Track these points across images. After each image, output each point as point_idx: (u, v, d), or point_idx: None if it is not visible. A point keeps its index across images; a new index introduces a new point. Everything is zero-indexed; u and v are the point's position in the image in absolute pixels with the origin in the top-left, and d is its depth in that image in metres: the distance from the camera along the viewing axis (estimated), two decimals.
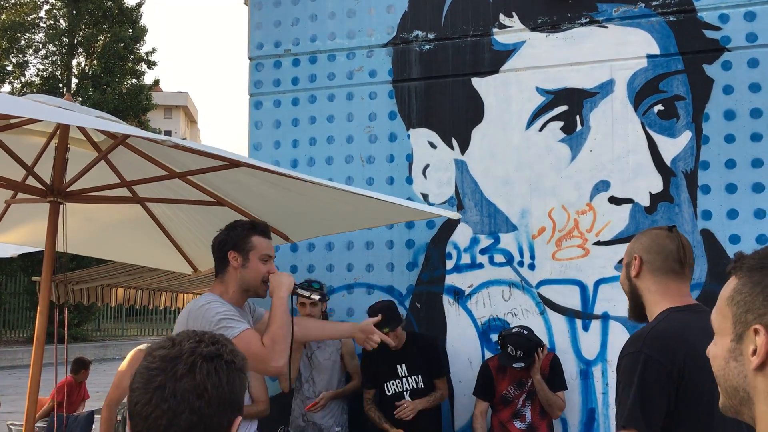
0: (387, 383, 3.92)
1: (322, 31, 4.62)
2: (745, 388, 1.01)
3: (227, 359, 1.21)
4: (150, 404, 1.15)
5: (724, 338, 1.06)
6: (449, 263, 4.22)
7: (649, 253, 2.11)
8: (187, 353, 1.18)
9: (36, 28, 21.98)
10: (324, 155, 4.51)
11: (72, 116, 2.29)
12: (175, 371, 1.16)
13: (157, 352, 1.20)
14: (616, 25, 4.10)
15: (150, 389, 1.16)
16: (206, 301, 2.61)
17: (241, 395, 1.23)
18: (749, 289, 1.02)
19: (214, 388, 1.16)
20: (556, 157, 4.10)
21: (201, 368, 1.17)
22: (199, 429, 1.15)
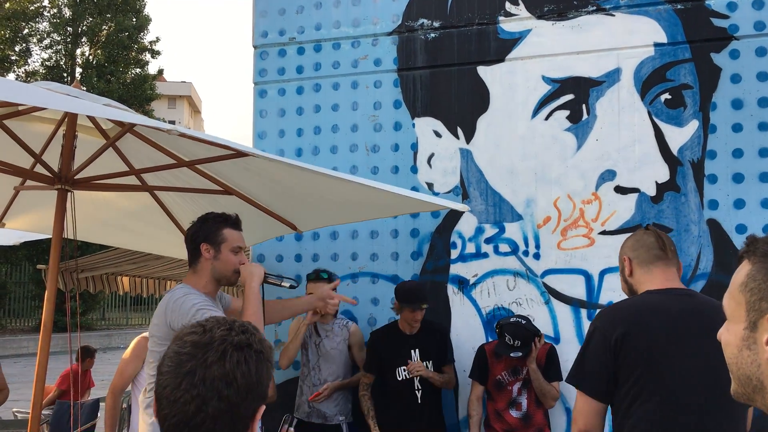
0: (398, 368, 3.92)
1: (326, 19, 4.61)
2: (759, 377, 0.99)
3: (256, 349, 1.22)
4: (179, 389, 1.16)
5: (737, 325, 1.04)
6: (454, 252, 4.22)
7: (634, 250, 2.40)
8: (218, 341, 1.19)
9: (40, 17, 21.95)
10: (329, 144, 4.50)
11: (81, 105, 2.29)
12: (205, 358, 1.17)
13: (188, 338, 1.21)
14: (623, 13, 4.08)
15: (180, 374, 1.17)
16: (182, 294, 2.70)
17: (267, 384, 1.25)
18: (764, 275, 1.01)
19: (243, 377, 1.18)
20: (562, 146, 4.09)
21: (231, 357, 1.18)
22: (226, 416, 1.17)
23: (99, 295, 19.91)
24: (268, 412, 4.06)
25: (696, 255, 3.84)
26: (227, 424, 1.17)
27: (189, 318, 2.59)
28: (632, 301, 2.34)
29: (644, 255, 2.37)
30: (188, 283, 2.81)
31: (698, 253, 3.84)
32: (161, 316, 2.69)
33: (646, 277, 2.34)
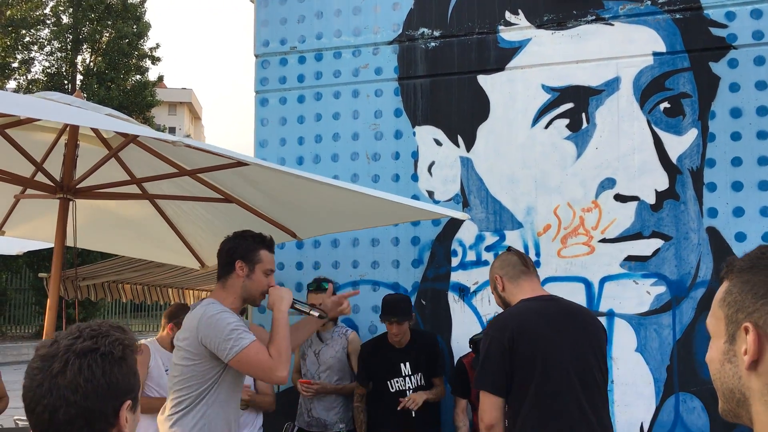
0: (390, 381, 3.92)
1: (327, 28, 4.63)
2: (741, 389, 1.00)
3: (104, 351, 1.28)
4: (33, 400, 1.25)
5: (719, 341, 1.05)
6: (454, 260, 4.23)
7: (502, 268, 2.85)
8: (62, 351, 1.26)
9: (41, 24, 22.01)
10: (329, 152, 4.52)
11: (82, 116, 2.30)
12: (51, 369, 1.25)
13: (40, 351, 1.30)
14: (622, 23, 4.10)
15: (32, 387, 1.25)
16: (219, 311, 2.67)
17: (126, 381, 1.30)
18: (739, 288, 1.02)
19: (87, 382, 1.24)
20: (562, 154, 4.10)
21: (73, 365, 1.24)
22: (80, 420, 1.24)
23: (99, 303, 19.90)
24: (269, 420, 4.09)
25: (695, 263, 3.85)
26: (84, 426, 1.24)
27: (224, 337, 2.59)
28: (515, 309, 2.74)
29: (512, 272, 2.82)
30: (217, 298, 2.78)
31: (698, 261, 3.85)
32: (193, 331, 2.64)
33: (517, 289, 2.79)
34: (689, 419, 3.77)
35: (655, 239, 3.90)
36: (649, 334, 3.85)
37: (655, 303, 3.87)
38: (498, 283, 2.85)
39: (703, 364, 3.77)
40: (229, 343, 2.58)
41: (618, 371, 3.87)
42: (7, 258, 18.28)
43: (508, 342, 2.58)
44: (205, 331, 2.62)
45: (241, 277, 2.80)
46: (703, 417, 3.75)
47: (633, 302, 3.89)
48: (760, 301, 0.98)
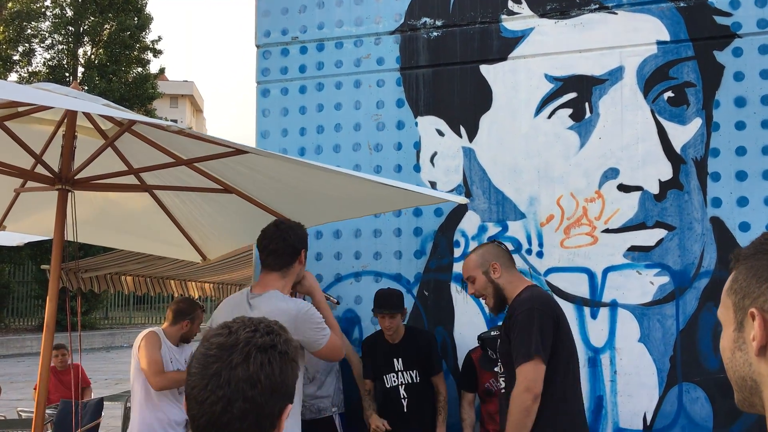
0: (386, 376, 3.97)
1: (329, 18, 4.60)
2: (752, 376, 0.99)
3: (281, 350, 1.25)
4: (206, 390, 1.20)
5: (729, 329, 1.05)
6: (457, 251, 4.22)
7: (499, 257, 3.04)
8: (243, 343, 1.22)
9: (42, 17, 21.98)
10: (332, 143, 4.50)
11: (79, 103, 2.29)
12: (230, 360, 1.20)
13: (214, 339, 1.25)
14: (626, 11, 4.06)
15: (206, 375, 1.20)
16: (308, 305, 2.92)
17: (293, 384, 1.28)
18: (744, 275, 1.02)
19: (267, 378, 1.21)
20: (565, 144, 4.08)
21: (255, 359, 1.21)
22: (251, 416, 1.20)
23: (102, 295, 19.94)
24: None
25: (699, 253, 3.83)
26: (253, 424, 1.21)
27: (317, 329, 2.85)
28: (541, 291, 3.06)
29: (507, 261, 3.06)
30: (278, 288, 2.94)
31: (701, 251, 3.83)
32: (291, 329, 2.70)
33: (514, 278, 3.02)
34: (692, 409, 3.76)
35: (659, 229, 3.88)
36: (653, 325, 3.83)
37: (659, 293, 3.85)
38: (496, 269, 3.00)
39: (706, 355, 3.76)
40: (322, 332, 2.86)
41: (621, 361, 3.86)
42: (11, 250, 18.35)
43: (555, 317, 2.85)
44: (303, 326, 2.80)
45: (302, 265, 3.03)
46: (707, 407, 3.73)
47: (636, 292, 3.87)
48: (764, 285, 0.97)
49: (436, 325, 4.19)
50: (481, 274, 3.02)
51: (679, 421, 3.77)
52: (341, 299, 4.30)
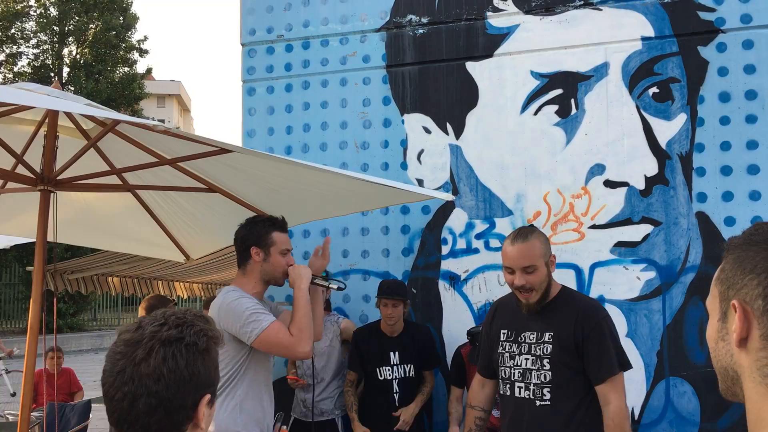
0: (379, 368, 3.94)
1: (314, 16, 4.58)
2: (733, 367, 1.00)
3: (189, 342, 1.24)
4: (113, 387, 1.21)
5: (714, 319, 1.05)
6: (445, 248, 4.21)
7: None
8: (147, 338, 1.23)
9: (26, 16, 21.78)
10: (318, 141, 4.48)
11: (60, 103, 2.26)
12: (134, 356, 1.21)
13: (123, 336, 1.26)
14: (611, 8, 4.07)
15: (114, 372, 1.22)
16: (236, 297, 2.79)
17: (208, 374, 1.27)
18: (730, 265, 1.02)
19: (170, 372, 1.20)
20: (551, 141, 4.08)
21: (157, 353, 1.21)
22: (159, 410, 1.21)
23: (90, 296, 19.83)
24: None
25: (685, 248, 3.84)
26: (163, 417, 1.21)
27: (243, 321, 2.71)
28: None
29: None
30: (238, 285, 2.91)
31: (687, 246, 3.84)
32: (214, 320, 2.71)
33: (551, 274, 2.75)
34: (680, 403, 3.77)
35: (645, 225, 3.89)
36: (640, 320, 3.85)
37: (645, 288, 3.86)
38: (553, 262, 2.74)
39: (693, 349, 3.78)
40: (250, 326, 2.72)
41: None
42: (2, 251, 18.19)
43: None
44: (225, 318, 2.73)
45: (258, 261, 2.92)
46: (694, 401, 3.75)
47: (623, 288, 3.88)
48: (747, 277, 0.97)
49: (424, 322, 4.19)
50: (543, 265, 2.66)
51: (666, 415, 3.79)
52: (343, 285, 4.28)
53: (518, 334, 2.75)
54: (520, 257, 2.61)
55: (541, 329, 2.69)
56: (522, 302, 2.68)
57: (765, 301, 0.94)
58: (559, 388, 2.60)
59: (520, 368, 2.71)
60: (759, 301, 0.94)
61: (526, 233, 2.66)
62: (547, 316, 2.68)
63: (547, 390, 2.62)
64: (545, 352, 2.65)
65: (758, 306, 0.94)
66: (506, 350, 2.77)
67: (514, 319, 2.78)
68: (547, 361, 2.64)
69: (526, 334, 2.73)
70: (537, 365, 2.66)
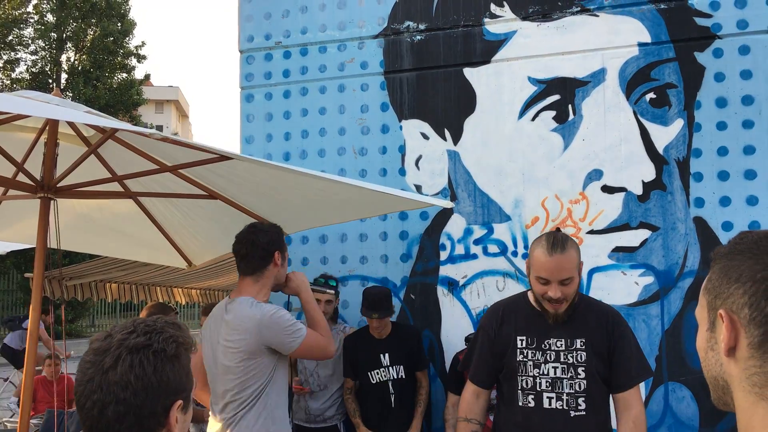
0: (371, 372, 3.96)
1: (312, 22, 4.60)
2: (722, 376, 1.00)
3: (157, 348, 1.25)
4: (83, 395, 1.22)
5: (703, 328, 1.06)
6: (443, 254, 4.22)
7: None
8: (115, 345, 1.24)
9: (24, 23, 21.79)
10: (316, 148, 4.49)
11: (60, 111, 2.27)
12: (102, 364, 1.22)
13: (93, 345, 1.27)
14: (607, 14, 4.09)
15: (83, 381, 1.23)
16: (273, 309, 2.81)
17: (178, 380, 1.27)
18: (717, 275, 1.02)
19: (137, 380, 1.21)
20: (549, 146, 4.10)
21: (124, 360, 1.22)
22: (129, 418, 1.21)
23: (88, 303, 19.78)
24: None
25: (683, 253, 3.86)
26: (134, 424, 1.21)
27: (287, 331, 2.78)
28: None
29: None
30: (253, 295, 2.88)
31: (685, 251, 3.86)
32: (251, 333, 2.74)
33: None
34: (678, 409, 3.78)
35: (643, 230, 3.91)
36: (638, 325, 3.86)
37: (644, 293, 3.87)
38: (581, 271, 2.57)
39: (691, 354, 3.78)
40: (294, 335, 2.79)
41: None
42: None
43: None
44: (268, 331, 2.76)
45: (278, 266, 2.96)
46: (693, 406, 3.76)
47: (621, 293, 3.89)
48: (733, 286, 0.98)
49: (423, 328, 4.19)
50: (578, 275, 2.52)
51: (665, 420, 3.79)
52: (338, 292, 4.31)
53: (540, 341, 2.60)
54: (559, 269, 2.45)
55: (570, 336, 2.56)
56: (549, 312, 2.54)
57: (751, 309, 0.94)
58: (592, 397, 2.52)
59: (548, 377, 2.55)
60: (745, 310, 0.95)
61: (563, 242, 2.48)
62: (574, 322, 2.56)
63: (582, 399, 2.51)
64: (579, 360, 2.52)
65: (745, 315, 0.95)
66: (528, 358, 2.59)
67: (533, 324, 2.63)
68: (582, 370, 2.52)
69: (551, 341, 2.58)
70: (570, 374, 2.53)
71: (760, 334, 0.93)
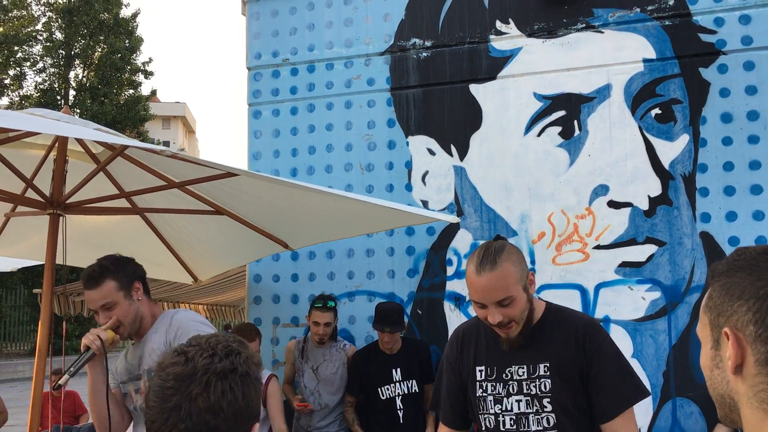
0: (381, 388, 3.95)
1: (319, 40, 4.64)
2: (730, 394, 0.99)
3: (242, 372, 1.20)
4: (167, 424, 1.14)
5: (706, 346, 1.05)
6: (450, 269, 4.23)
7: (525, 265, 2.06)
8: (201, 371, 1.17)
9: (33, 41, 22.03)
10: (323, 164, 4.52)
11: (70, 128, 2.29)
12: (189, 391, 1.15)
13: (170, 369, 1.19)
14: (612, 30, 4.12)
15: (166, 409, 1.15)
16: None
17: (257, 403, 1.23)
18: (718, 293, 1.02)
19: (229, 406, 1.16)
20: (555, 162, 4.11)
21: (216, 387, 1.16)
22: None
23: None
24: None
25: (690, 268, 3.85)
26: None
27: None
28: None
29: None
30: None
31: (692, 266, 3.85)
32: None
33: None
34: (686, 424, 3.75)
35: (649, 245, 3.90)
36: (645, 340, 3.84)
37: (651, 308, 3.86)
38: (532, 282, 2.07)
39: (699, 369, 3.76)
40: None
41: None
42: (2, 275, 18.22)
43: None
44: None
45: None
46: (701, 422, 3.73)
47: (628, 308, 3.89)
48: (736, 303, 0.98)
49: (430, 343, 4.19)
50: (521, 291, 2.00)
51: None
52: None
53: (501, 369, 2.11)
54: (491, 289, 1.97)
55: (533, 360, 2.07)
56: (502, 338, 2.07)
57: (756, 326, 0.94)
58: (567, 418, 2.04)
59: (511, 414, 2.08)
60: (750, 327, 0.95)
61: (495, 256, 1.98)
62: (537, 343, 2.07)
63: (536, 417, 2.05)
64: (543, 390, 2.05)
65: (750, 332, 0.95)
66: (488, 392, 2.12)
67: (492, 350, 2.14)
68: (547, 401, 2.04)
69: (512, 368, 2.10)
70: (535, 407, 2.06)
71: (767, 351, 0.93)
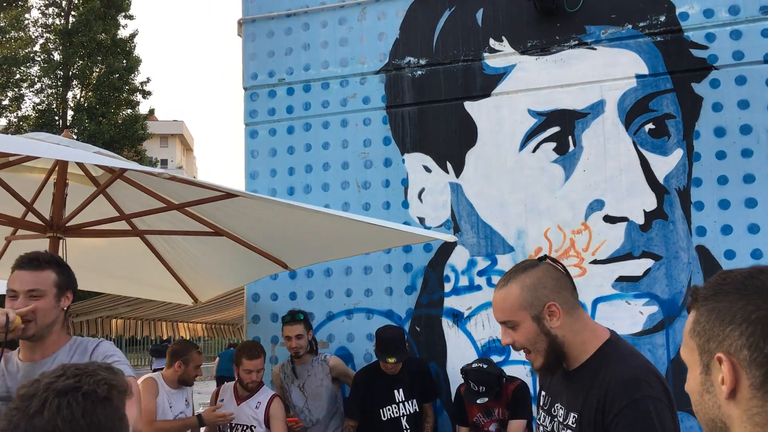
0: (383, 409, 3.89)
1: (315, 59, 4.68)
2: (721, 419, 1.00)
3: (86, 390, 1.18)
4: None
5: (695, 371, 1.05)
6: (447, 286, 4.24)
7: (559, 291, 1.79)
8: (42, 389, 1.17)
9: (31, 62, 22.12)
10: (320, 182, 4.54)
11: (70, 152, 2.32)
12: (28, 410, 1.15)
13: (20, 391, 1.20)
14: (605, 47, 4.17)
15: (9, 429, 1.15)
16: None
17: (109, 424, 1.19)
18: (706, 317, 1.02)
19: (65, 423, 1.14)
20: (550, 177, 4.14)
21: (51, 404, 1.15)
22: None
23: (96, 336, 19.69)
24: None
25: (686, 281, 3.87)
26: None
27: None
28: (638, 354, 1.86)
29: (570, 298, 1.80)
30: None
31: (689, 280, 3.87)
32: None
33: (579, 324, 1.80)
34: None
35: (646, 259, 3.92)
36: (644, 354, 3.84)
37: (648, 323, 3.88)
38: (554, 313, 1.76)
39: None
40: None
41: None
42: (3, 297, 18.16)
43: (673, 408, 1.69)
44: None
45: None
46: None
47: (626, 322, 3.90)
48: (728, 328, 0.98)
49: (428, 360, 4.19)
50: (529, 319, 1.78)
51: None
52: (332, 338, 4.31)
53: (552, 403, 1.92)
54: (494, 308, 1.87)
55: (568, 406, 1.83)
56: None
57: (751, 351, 0.94)
58: None
59: None
60: (745, 352, 0.95)
61: (508, 275, 1.86)
62: (577, 387, 1.80)
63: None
64: None
65: (744, 356, 0.95)
66: (540, 422, 1.97)
67: (555, 378, 1.92)
68: None
69: (557, 405, 1.89)
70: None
71: (761, 375, 0.93)
